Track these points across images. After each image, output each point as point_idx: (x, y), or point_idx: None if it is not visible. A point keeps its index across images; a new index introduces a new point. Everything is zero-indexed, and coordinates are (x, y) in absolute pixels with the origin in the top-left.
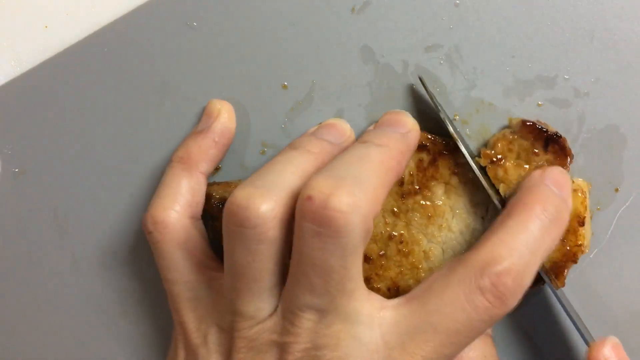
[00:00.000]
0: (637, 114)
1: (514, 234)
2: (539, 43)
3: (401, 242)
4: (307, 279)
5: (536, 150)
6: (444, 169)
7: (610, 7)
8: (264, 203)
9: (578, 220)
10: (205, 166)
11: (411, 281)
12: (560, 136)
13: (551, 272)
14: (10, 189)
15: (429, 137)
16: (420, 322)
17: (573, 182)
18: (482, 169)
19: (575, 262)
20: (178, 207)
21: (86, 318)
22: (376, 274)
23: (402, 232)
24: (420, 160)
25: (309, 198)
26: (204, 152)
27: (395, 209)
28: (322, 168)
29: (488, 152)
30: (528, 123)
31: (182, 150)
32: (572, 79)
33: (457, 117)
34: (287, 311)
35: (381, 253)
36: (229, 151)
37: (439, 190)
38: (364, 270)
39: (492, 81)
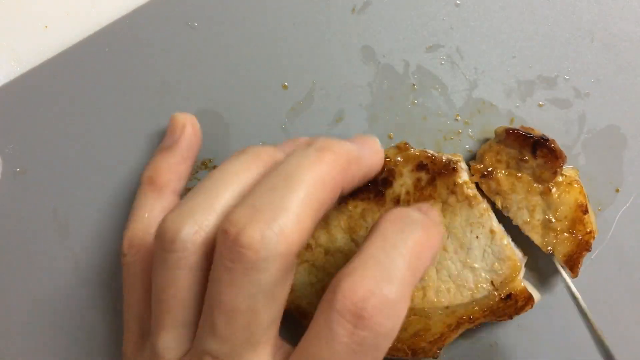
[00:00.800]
0: (638, 114)
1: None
2: (539, 43)
3: None
4: (212, 318)
5: (525, 157)
6: (442, 188)
7: (611, 7)
8: (186, 227)
9: (581, 209)
10: (176, 184)
11: (419, 293)
12: (547, 139)
13: (565, 265)
14: (11, 188)
15: (429, 155)
16: None
17: (564, 175)
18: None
19: (589, 250)
20: (152, 231)
21: (86, 318)
22: None
23: None
24: (419, 180)
25: (224, 232)
26: (173, 170)
27: None
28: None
29: (477, 166)
30: (511, 131)
31: (151, 170)
32: (572, 79)
33: (459, 117)
34: (191, 355)
35: None
36: (228, 151)
37: (435, 209)
38: None
39: (493, 81)
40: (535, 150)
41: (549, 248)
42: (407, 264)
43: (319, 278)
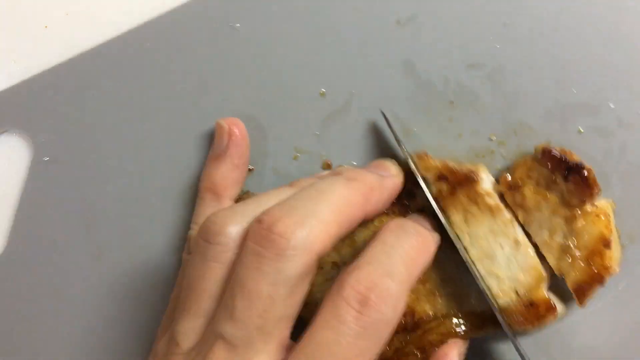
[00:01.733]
0: None
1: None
2: (586, 69)
3: None
4: (232, 301)
5: (556, 180)
6: (463, 197)
7: None
8: (232, 224)
9: (603, 242)
10: (232, 192)
11: (427, 306)
12: (583, 166)
13: (574, 293)
14: (40, 176)
15: (449, 166)
16: None
17: (595, 205)
18: (439, 204)
19: (602, 284)
20: None
21: (107, 311)
22: None
23: None
24: (440, 191)
25: (259, 221)
26: (227, 178)
27: None
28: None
29: (506, 177)
30: (549, 151)
31: (207, 181)
32: (617, 109)
33: (494, 137)
34: (204, 341)
35: None
36: (262, 153)
37: (457, 218)
38: None
39: (533, 104)
40: (567, 175)
41: (561, 272)
42: (404, 264)
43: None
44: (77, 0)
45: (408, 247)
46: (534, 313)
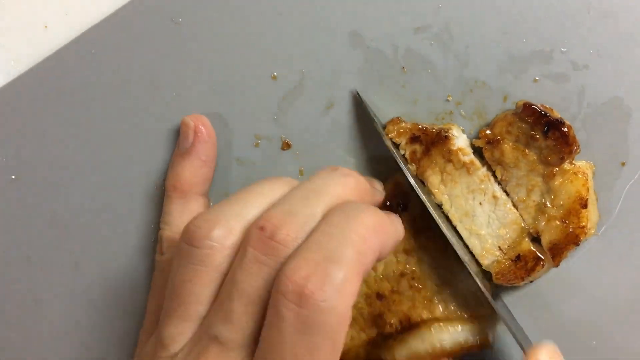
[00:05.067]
0: None
1: None
2: (532, 17)
3: (413, 279)
4: (229, 305)
5: (536, 135)
6: (437, 157)
7: None
8: (218, 228)
9: (580, 203)
10: (200, 188)
11: (424, 312)
12: (563, 122)
13: (549, 252)
14: (9, 196)
15: (420, 127)
16: None
17: (574, 164)
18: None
19: (577, 244)
20: None
21: (88, 320)
22: (388, 310)
23: (414, 268)
24: (414, 152)
25: (261, 228)
26: (194, 175)
27: (407, 247)
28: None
29: (486, 131)
30: (529, 105)
31: (173, 179)
32: (569, 52)
33: (451, 98)
34: (195, 343)
35: (393, 289)
36: (223, 146)
37: (435, 179)
38: (376, 308)
39: (485, 59)
40: (547, 131)
41: (537, 231)
42: (353, 245)
43: None
44: (77, 0)
45: (357, 226)
46: (522, 267)
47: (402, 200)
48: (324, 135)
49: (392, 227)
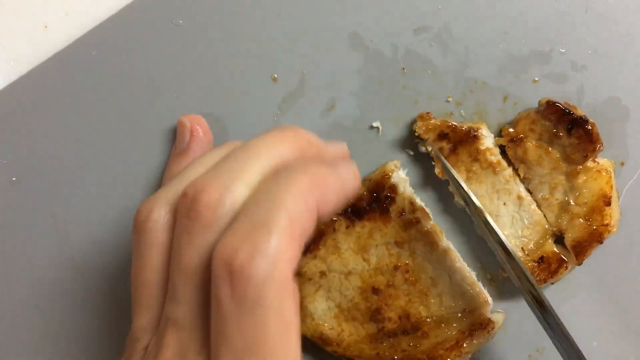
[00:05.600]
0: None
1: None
2: (531, 17)
3: (407, 272)
4: (173, 283)
5: (560, 133)
6: (464, 156)
7: None
8: (157, 208)
9: (604, 200)
10: None
11: (421, 307)
12: (587, 120)
13: (572, 251)
14: (9, 197)
15: (449, 124)
16: None
17: (596, 162)
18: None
19: (600, 242)
20: None
21: (88, 322)
22: (385, 304)
23: (407, 261)
24: (441, 149)
25: (184, 195)
26: None
27: (399, 239)
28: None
29: (509, 129)
30: (553, 103)
31: (168, 177)
32: (568, 53)
33: (451, 98)
34: (159, 331)
35: (389, 283)
36: None
37: (460, 178)
38: (373, 302)
39: (485, 60)
40: (571, 129)
41: (560, 230)
42: (283, 209)
43: (337, 302)
44: (77, 1)
45: (288, 186)
46: (545, 268)
47: (389, 192)
48: (325, 136)
49: (333, 178)
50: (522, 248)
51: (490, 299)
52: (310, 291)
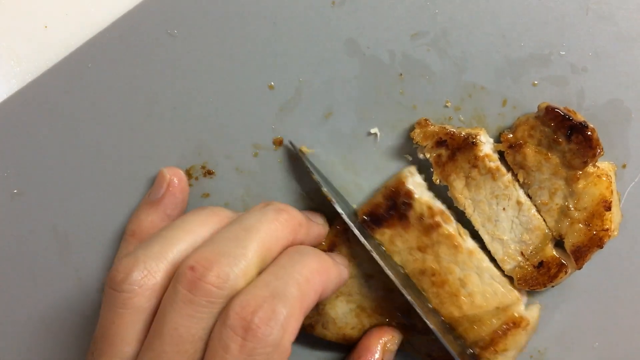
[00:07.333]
0: None
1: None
2: (530, 20)
3: (433, 275)
4: (160, 345)
5: (559, 139)
6: (463, 162)
7: None
8: (136, 271)
9: (604, 205)
10: None
11: (452, 308)
12: (587, 126)
13: (572, 255)
14: (10, 210)
15: (447, 131)
16: None
17: (596, 167)
18: (362, 229)
19: (601, 247)
20: None
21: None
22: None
23: (433, 266)
24: (439, 156)
25: (191, 268)
26: (155, 226)
27: (421, 245)
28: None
29: (507, 135)
30: (552, 109)
31: (134, 224)
32: (567, 55)
33: (449, 104)
34: None
35: (417, 287)
36: (223, 157)
37: (459, 184)
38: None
39: (483, 64)
40: (570, 135)
41: (559, 234)
42: (296, 285)
43: (357, 303)
44: (77, 1)
45: (301, 268)
46: (545, 273)
47: (405, 198)
48: (323, 143)
49: (335, 270)
50: (521, 252)
51: (522, 296)
52: (331, 298)
